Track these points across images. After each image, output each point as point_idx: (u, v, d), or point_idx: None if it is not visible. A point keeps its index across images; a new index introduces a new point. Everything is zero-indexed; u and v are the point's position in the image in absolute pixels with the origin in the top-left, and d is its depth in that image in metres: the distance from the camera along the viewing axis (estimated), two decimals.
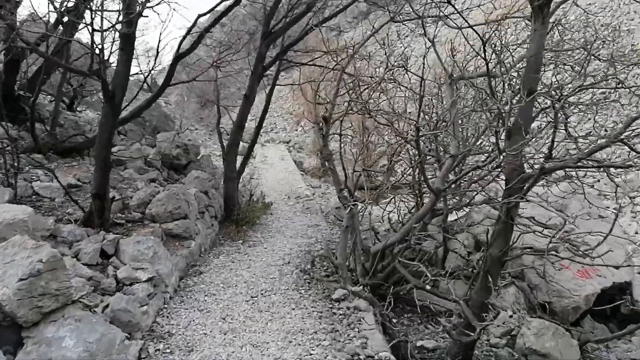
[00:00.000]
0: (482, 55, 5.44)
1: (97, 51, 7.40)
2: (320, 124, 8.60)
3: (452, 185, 7.30)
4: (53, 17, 10.39)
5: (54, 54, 9.69)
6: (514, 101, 5.42)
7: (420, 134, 8.58)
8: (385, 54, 8.37)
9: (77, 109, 17.14)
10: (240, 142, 13.20)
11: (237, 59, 15.40)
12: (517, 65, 7.03)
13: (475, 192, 7.61)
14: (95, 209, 7.80)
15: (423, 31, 7.40)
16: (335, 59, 11.62)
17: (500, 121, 6.01)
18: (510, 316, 8.12)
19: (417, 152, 9.30)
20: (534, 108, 6.34)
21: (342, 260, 7.09)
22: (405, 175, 9.60)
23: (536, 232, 6.75)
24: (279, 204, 15.51)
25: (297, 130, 41.98)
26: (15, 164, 8.35)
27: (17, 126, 10.94)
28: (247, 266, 8.98)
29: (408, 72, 8.19)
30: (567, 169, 5.97)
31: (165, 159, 14.24)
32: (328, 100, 8.49)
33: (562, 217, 6.29)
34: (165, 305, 7.10)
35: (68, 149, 11.16)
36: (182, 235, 9.16)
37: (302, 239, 11.09)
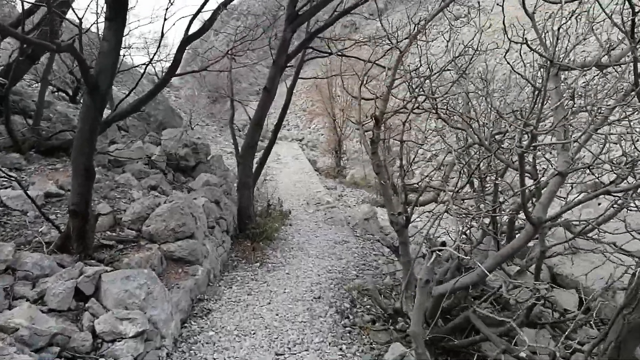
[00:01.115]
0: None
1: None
2: (361, 124, 6.56)
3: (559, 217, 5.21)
4: None
5: (37, 32, 7.73)
6: None
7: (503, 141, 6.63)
8: (447, 40, 6.32)
9: (81, 100, 15.27)
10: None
11: (254, 47, 13.39)
12: None
13: (588, 225, 5.54)
14: (73, 230, 5.82)
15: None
16: (373, 47, 9.54)
17: None
18: None
19: (488, 163, 7.29)
20: None
21: (417, 329, 4.95)
22: (475, 192, 7.53)
23: None
24: (298, 212, 13.48)
25: (309, 127, 39.92)
26: None
27: None
28: (268, 301, 6.96)
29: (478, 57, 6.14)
30: None
31: (171, 159, 12.28)
32: (375, 95, 6.35)
33: None
34: None
35: (53, 148, 9.15)
36: (187, 260, 7.19)
37: (330, 260, 9.06)
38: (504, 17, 4.76)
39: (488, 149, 5.04)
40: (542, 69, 5.83)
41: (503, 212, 6.75)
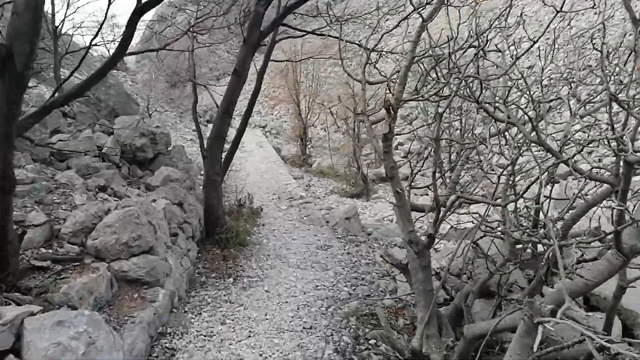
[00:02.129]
0: None
1: None
2: (366, 115, 5.10)
3: None
4: None
5: None
6: None
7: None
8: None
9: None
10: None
11: (217, 27, 11.74)
12: None
13: None
14: None
15: None
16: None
17: None
18: None
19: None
20: None
21: None
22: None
23: None
24: (269, 208, 11.99)
25: (272, 114, 38.19)
26: None
27: None
28: (247, 333, 5.49)
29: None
30: None
31: (125, 151, 10.60)
32: (387, 77, 4.87)
33: None
34: None
35: None
36: (145, 281, 5.67)
37: (315, 272, 7.64)
38: None
39: (556, 155, 3.66)
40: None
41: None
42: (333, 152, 26.26)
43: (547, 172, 3.94)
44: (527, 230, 4.34)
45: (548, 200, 4.30)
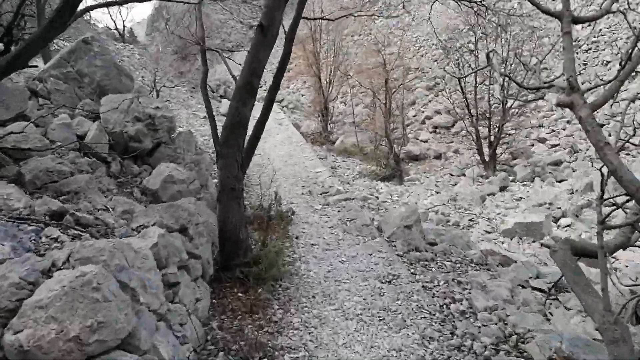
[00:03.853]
0: None
1: None
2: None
3: None
4: None
5: None
6: None
7: None
8: None
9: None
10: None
11: None
12: None
13: None
14: None
15: None
16: None
17: None
18: None
19: None
20: None
21: None
22: None
23: None
24: (301, 208, 9.20)
25: (289, 87, 34.99)
26: None
27: None
28: None
29: None
30: None
31: (116, 140, 7.83)
32: None
33: None
34: None
35: None
36: None
37: (391, 333, 4.76)
38: None
39: None
40: None
41: None
42: (358, 128, 23.22)
43: None
44: None
45: None
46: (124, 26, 36.58)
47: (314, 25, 23.68)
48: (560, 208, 13.04)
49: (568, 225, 12.52)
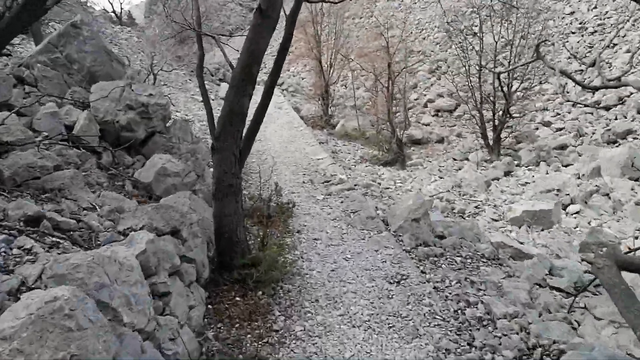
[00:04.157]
0: None
1: None
2: None
3: None
4: None
5: None
6: None
7: None
8: None
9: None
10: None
11: None
12: None
13: None
14: None
15: None
16: None
17: None
18: None
19: None
20: None
21: None
22: None
23: None
24: (302, 198, 8.76)
25: (288, 70, 34.29)
26: None
27: None
28: None
29: None
30: None
31: (107, 130, 7.39)
32: None
33: None
34: None
35: None
36: None
37: (402, 342, 4.36)
38: None
39: None
40: None
41: None
42: (359, 111, 22.64)
43: None
44: None
45: None
46: (121, 9, 35.74)
47: (315, 9, 23.01)
48: (568, 194, 12.60)
49: (577, 212, 12.10)
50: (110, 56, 8.19)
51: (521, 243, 8.77)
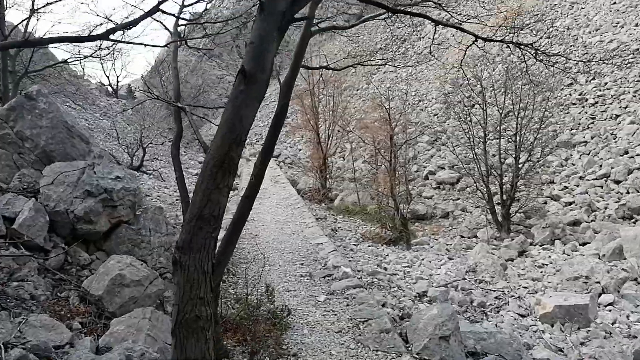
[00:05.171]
0: None
1: None
2: None
3: None
4: None
5: None
6: None
7: None
8: None
9: None
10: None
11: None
12: None
13: None
14: None
15: None
16: None
17: None
18: None
19: None
20: None
21: None
22: None
23: None
24: (299, 299, 7.12)
25: (285, 142, 33.31)
26: None
27: None
28: None
29: None
30: None
31: (59, 221, 5.87)
32: None
33: None
34: None
35: None
36: None
37: None
38: None
39: None
40: None
41: None
42: (359, 185, 21.27)
43: None
44: None
45: None
46: (117, 81, 35.19)
47: (313, 79, 22.29)
48: (599, 282, 10.96)
49: (610, 304, 10.42)
50: (72, 132, 6.81)
51: (564, 354, 7.06)
